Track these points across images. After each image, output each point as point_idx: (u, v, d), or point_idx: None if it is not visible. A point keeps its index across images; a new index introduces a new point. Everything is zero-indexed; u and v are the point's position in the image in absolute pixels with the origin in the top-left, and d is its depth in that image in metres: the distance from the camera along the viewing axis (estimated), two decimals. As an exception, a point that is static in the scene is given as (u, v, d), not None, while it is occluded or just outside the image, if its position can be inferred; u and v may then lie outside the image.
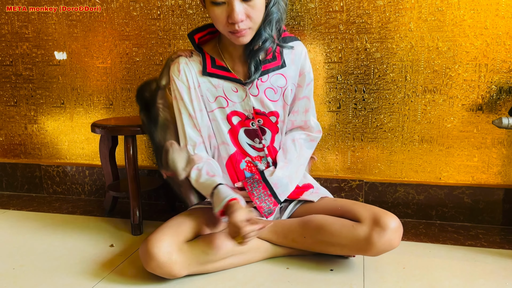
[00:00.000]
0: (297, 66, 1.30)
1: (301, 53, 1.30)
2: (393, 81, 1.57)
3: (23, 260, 1.33)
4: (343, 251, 1.21)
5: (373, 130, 1.62)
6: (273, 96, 1.30)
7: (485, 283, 1.16)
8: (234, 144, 1.32)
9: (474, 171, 1.57)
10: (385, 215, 1.15)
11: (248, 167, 1.34)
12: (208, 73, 1.27)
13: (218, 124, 1.31)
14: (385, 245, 1.14)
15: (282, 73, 1.28)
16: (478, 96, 1.52)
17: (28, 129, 1.99)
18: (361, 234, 1.15)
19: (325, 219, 1.22)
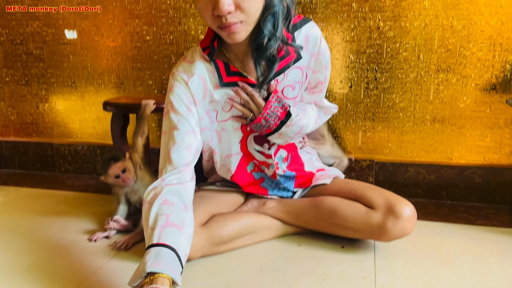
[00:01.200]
0: (311, 53, 1.17)
1: (317, 38, 1.15)
2: (406, 60, 1.56)
3: (38, 236, 1.35)
4: (355, 235, 1.22)
5: (385, 110, 1.62)
6: (291, 93, 1.20)
7: (496, 261, 1.17)
8: (242, 149, 1.26)
9: (486, 152, 1.57)
10: (400, 203, 1.15)
11: (256, 167, 1.29)
12: (225, 83, 1.14)
13: (228, 136, 1.22)
14: (399, 233, 1.14)
15: (298, 66, 1.17)
16: (492, 76, 1.51)
17: (39, 108, 2.01)
18: (374, 221, 1.15)
19: (338, 202, 1.22)
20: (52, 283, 1.07)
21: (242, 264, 1.16)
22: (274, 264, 1.16)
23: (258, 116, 1.16)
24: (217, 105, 1.17)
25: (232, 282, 1.07)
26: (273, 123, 1.17)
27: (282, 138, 1.22)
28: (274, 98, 1.15)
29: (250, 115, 1.17)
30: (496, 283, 1.06)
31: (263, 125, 1.17)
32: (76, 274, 1.12)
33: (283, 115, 1.17)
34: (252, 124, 1.18)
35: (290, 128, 1.19)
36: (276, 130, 1.19)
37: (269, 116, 1.16)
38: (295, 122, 1.18)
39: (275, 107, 1.16)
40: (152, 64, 1.81)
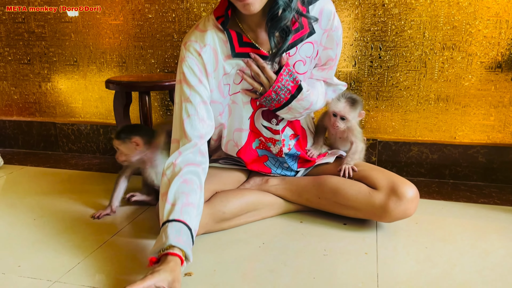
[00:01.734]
0: (324, 29, 1.16)
1: (330, 14, 1.14)
2: (411, 38, 1.54)
3: (43, 212, 1.36)
4: (357, 214, 1.22)
5: (389, 89, 1.60)
6: (302, 68, 1.19)
7: (497, 238, 1.17)
8: (250, 127, 1.25)
9: (490, 130, 1.56)
10: (403, 184, 1.15)
11: (261, 145, 1.29)
12: (237, 53, 1.13)
13: (238, 109, 1.21)
14: (401, 213, 1.15)
15: (310, 41, 1.15)
16: (497, 54, 1.49)
17: (42, 87, 2.00)
18: (377, 201, 1.16)
19: (342, 182, 1.22)
20: (57, 258, 1.09)
21: (244, 240, 1.17)
22: (276, 240, 1.17)
23: (269, 89, 1.15)
24: (229, 78, 1.16)
25: (235, 258, 1.08)
26: (283, 97, 1.16)
27: (291, 113, 1.21)
28: (285, 72, 1.14)
29: (260, 89, 1.16)
30: (497, 259, 1.06)
31: (273, 99, 1.16)
32: (80, 249, 1.13)
33: (294, 89, 1.15)
34: (262, 98, 1.17)
35: (300, 103, 1.18)
36: (286, 104, 1.17)
37: (279, 90, 1.15)
38: (306, 97, 1.18)
39: (286, 80, 1.14)
40: (155, 42, 1.80)
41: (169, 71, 1.81)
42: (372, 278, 0.98)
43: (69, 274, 1.01)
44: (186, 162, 1.06)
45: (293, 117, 1.24)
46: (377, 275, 0.99)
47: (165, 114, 1.88)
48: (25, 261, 1.07)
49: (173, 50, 1.78)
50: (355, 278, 0.98)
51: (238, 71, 1.15)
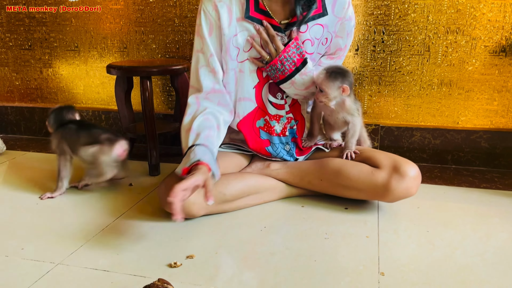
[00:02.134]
0: (337, 16, 1.19)
1: (345, 3, 1.18)
2: (414, 22, 1.52)
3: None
4: (359, 195, 1.22)
5: (391, 74, 1.59)
6: (310, 48, 1.22)
7: (499, 222, 1.17)
8: (256, 100, 1.27)
9: (493, 115, 1.55)
10: (406, 163, 1.15)
11: (265, 126, 1.30)
12: (250, 16, 1.17)
13: (244, 77, 1.24)
14: (403, 192, 1.15)
15: (321, 23, 1.19)
16: (501, 38, 1.47)
17: (43, 73, 2.00)
18: (379, 180, 1.16)
19: (344, 163, 1.22)
20: (60, 241, 1.09)
21: (246, 223, 1.18)
22: (278, 224, 1.18)
23: (275, 58, 1.18)
24: (239, 41, 1.20)
25: (237, 241, 1.09)
26: (288, 69, 1.19)
27: (294, 89, 1.24)
28: (293, 44, 1.18)
29: (267, 58, 1.20)
30: (498, 242, 1.07)
31: (278, 69, 1.19)
32: (83, 232, 1.14)
33: (299, 62, 1.19)
34: (268, 66, 1.20)
35: (303, 77, 1.20)
36: (290, 76, 1.20)
37: (285, 60, 1.18)
38: (309, 72, 1.20)
39: (293, 52, 1.18)
40: (156, 27, 1.78)
41: (170, 56, 1.80)
42: (373, 260, 0.99)
43: (72, 257, 1.01)
44: (204, 107, 1.20)
45: (295, 93, 1.25)
46: (378, 258, 1.00)
47: (166, 99, 1.87)
48: (28, 244, 1.08)
49: (174, 35, 1.77)
50: (356, 261, 0.99)
51: (248, 37, 1.19)
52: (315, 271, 0.95)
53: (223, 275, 0.94)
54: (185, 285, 0.90)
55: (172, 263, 0.97)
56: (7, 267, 0.98)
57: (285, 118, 1.29)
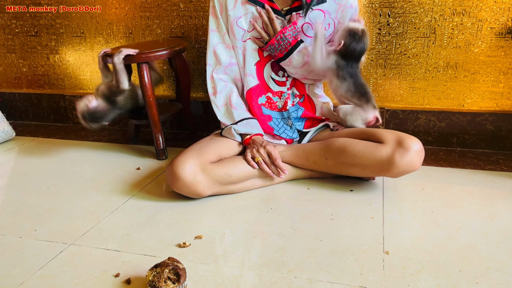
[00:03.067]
0: (339, 3, 1.28)
1: None
2: (420, 4, 1.51)
3: (56, 181, 1.40)
4: (364, 172, 1.24)
5: (397, 57, 1.59)
6: (310, 32, 1.31)
7: (504, 203, 1.19)
8: (258, 77, 1.35)
9: (499, 98, 1.55)
10: (409, 137, 1.17)
11: (267, 103, 1.38)
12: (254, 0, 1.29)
13: (246, 55, 1.34)
14: (407, 165, 1.16)
15: (321, 9, 1.28)
16: (508, 19, 1.46)
17: (50, 59, 2.01)
18: (383, 154, 1.17)
19: (348, 141, 1.24)
20: (71, 222, 1.12)
21: (253, 205, 1.20)
22: (284, 206, 1.20)
23: (273, 38, 1.28)
24: (244, 22, 1.31)
25: (244, 222, 1.11)
26: (284, 48, 1.29)
27: (293, 67, 1.33)
28: (291, 28, 1.28)
29: (266, 38, 1.30)
30: (501, 223, 1.08)
31: (276, 48, 1.29)
32: (94, 214, 1.16)
33: (294, 42, 1.29)
34: (267, 46, 1.30)
35: (299, 55, 1.29)
36: (287, 55, 1.30)
37: (281, 40, 1.28)
38: (304, 49, 1.29)
39: (289, 34, 1.28)
40: (161, 12, 1.79)
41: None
42: (378, 240, 1.01)
43: (83, 238, 1.04)
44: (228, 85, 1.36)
45: (295, 73, 1.35)
46: (383, 238, 1.02)
47: (172, 84, 1.88)
48: (41, 226, 1.11)
49: (179, 20, 1.77)
50: (361, 241, 1.01)
51: (251, 19, 1.30)
52: (321, 250, 0.97)
53: (231, 254, 0.96)
54: (194, 264, 0.92)
55: (181, 243, 1.00)
56: (21, 247, 1.01)
57: (286, 93, 1.38)
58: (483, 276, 0.87)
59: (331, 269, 0.90)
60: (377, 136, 1.22)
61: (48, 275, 0.90)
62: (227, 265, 0.92)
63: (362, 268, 0.91)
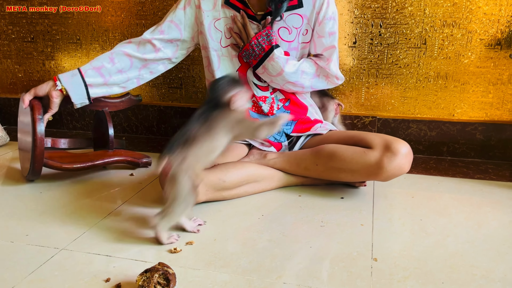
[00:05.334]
0: (314, 9, 1.29)
1: None
2: (411, 15, 1.54)
3: (50, 186, 1.40)
4: (354, 176, 1.25)
5: (388, 66, 1.62)
6: (287, 36, 1.32)
7: (491, 211, 1.20)
8: (243, 80, 1.37)
9: (488, 108, 1.57)
10: (396, 141, 1.19)
11: (254, 107, 1.39)
12: (230, 3, 1.31)
13: (227, 61, 1.36)
14: (395, 169, 1.18)
15: (299, 13, 1.30)
16: (497, 31, 1.49)
17: (46, 65, 2.03)
18: (372, 158, 1.19)
19: (338, 147, 1.26)
20: (64, 227, 1.13)
21: (244, 212, 1.21)
22: (276, 212, 1.21)
23: (247, 43, 1.30)
24: (221, 25, 1.33)
25: (235, 228, 1.12)
26: (258, 54, 1.30)
27: (268, 75, 1.34)
28: (264, 33, 1.29)
29: (241, 44, 1.32)
30: (489, 230, 1.10)
31: (251, 54, 1.31)
32: (86, 219, 1.17)
33: (267, 48, 1.29)
34: (242, 51, 1.33)
35: (272, 64, 1.30)
36: (260, 61, 1.31)
37: (255, 46, 1.30)
38: (277, 58, 1.29)
39: (263, 39, 1.29)
40: (156, 20, 1.81)
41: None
42: (367, 247, 1.02)
43: (75, 242, 1.05)
44: (121, 47, 1.36)
45: (270, 80, 1.35)
46: (372, 245, 1.03)
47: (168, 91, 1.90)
48: (33, 230, 1.11)
49: None
50: (350, 247, 1.02)
51: (228, 27, 1.33)
52: (311, 257, 0.98)
53: (221, 260, 0.97)
54: (184, 269, 0.93)
55: (172, 249, 1.01)
56: (12, 252, 1.01)
57: (270, 98, 1.38)
58: (469, 283, 0.89)
59: (320, 275, 0.91)
60: (365, 141, 1.24)
61: (39, 279, 0.91)
62: (217, 271, 0.93)
63: (350, 274, 0.92)
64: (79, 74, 1.31)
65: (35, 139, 1.28)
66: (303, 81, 1.34)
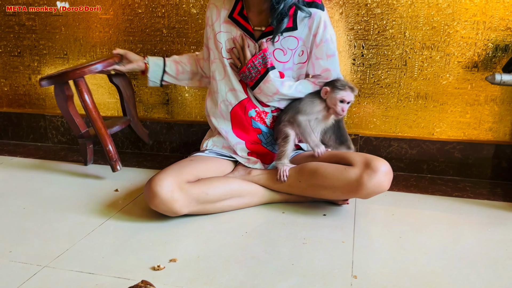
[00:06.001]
0: (311, 32, 1.32)
1: (315, 20, 1.30)
2: (392, 37, 1.60)
3: (33, 201, 1.40)
4: (335, 193, 1.28)
5: (370, 86, 1.66)
6: (282, 57, 1.35)
7: (468, 229, 1.24)
8: (245, 92, 1.40)
9: (466, 127, 1.63)
10: (376, 159, 1.23)
11: (258, 116, 1.41)
12: (233, 17, 1.36)
13: (230, 72, 1.40)
14: (375, 186, 1.21)
15: (294, 35, 1.33)
16: (474, 54, 1.55)
17: (32, 79, 2.03)
18: (352, 176, 1.22)
19: (320, 164, 1.30)
20: (47, 244, 1.13)
21: (228, 229, 1.23)
22: (259, 229, 1.23)
23: (244, 65, 1.35)
24: (223, 38, 1.39)
25: (219, 245, 1.13)
26: (255, 76, 1.35)
27: (264, 95, 1.38)
28: (260, 55, 1.34)
29: (239, 65, 1.37)
30: (465, 248, 1.13)
31: (247, 76, 1.36)
32: (70, 235, 1.17)
33: (263, 71, 1.34)
34: (240, 72, 1.37)
35: (267, 85, 1.34)
36: (257, 83, 1.35)
37: (251, 68, 1.34)
38: (271, 81, 1.33)
39: (259, 62, 1.34)
40: (144, 37, 1.83)
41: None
42: (347, 265, 1.04)
43: (58, 260, 1.05)
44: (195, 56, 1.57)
45: (267, 99, 1.39)
46: (352, 262, 1.05)
47: (113, 97, 1.91)
48: (16, 247, 1.11)
49: (162, 45, 1.82)
50: (332, 265, 1.04)
51: (227, 46, 1.39)
52: (292, 274, 1.00)
53: (204, 277, 0.98)
54: (167, 287, 0.94)
55: (155, 266, 1.02)
56: (-5, 269, 1.01)
57: (270, 114, 1.41)
58: (444, 300, 0.91)
59: (301, 292, 0.93)
60: (346, 159, 1.28)
61: (21, 297, 0.91)
62: (200, 288, 0.94)
63: (330, 291, 0.94)
64: (162, 61, 1.52)
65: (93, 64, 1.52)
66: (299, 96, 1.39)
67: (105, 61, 1.52)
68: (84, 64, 1.54)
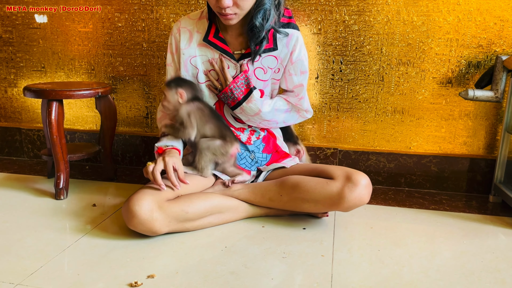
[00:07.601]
0: (288, 50, 1.35)
1: (292, 40, 1.34)
2: (370, 53, 1.63)
3: (6, 217, 1.36)
4: (317, 207, 1.29)
5: (349, 101, 1.69)
6: (263, 75, 1.38)
7: (444, 241, 1.26)
8: (220, 113, 1.41)
9: (442, 141, 1.66)
10: (357, 173, 1.25)
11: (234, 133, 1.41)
12: (208, 40, 1.34)
13: (206, 95, 1.40)
14: (356, 199, 1.23)
15: (274, 55, 1.35)
16: (448, 70, 1.60)
17: (8, 92, 1.99)
18: (334, 189, 1.23)
19: (301, 178, 1.31)
20: (20, 261, 1.10)
21: (207, 244, 1.22)
22: (239, 244, 1.22)
23: (226, 87, 1.34)
24: (197, 62, 1.37)
25: (198, 261, 1.12)
26: (237, 96, 1.35)
27: (245, 115, 1.39)
28: (242, 76, 1.34)
29: (218, 87, 1.38)
30: (442, 260, 1.15)
31: (229, 96, 1.35)
32: (43, 253, 1.14)
33: (246, 91, 1.35)
34: (221, 93, 1.37)
35: (250, 105, 1.35)
36: (239, 103, 1.35)
37: (234, 89, 1.34)
38: (255, 101, 1.34)
39: (241, 83, 1.35)
40: (124, 51, 1.83)
41: (138, 78, 1.84)
42: (326, 278, 1.05)
43: (31, 277, 1.02)
44: None
45: (247, 119, 1.40)
46: (331, 276, 1.06)
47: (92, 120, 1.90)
48: (-13, 265, 1.07)
49: (142, 59, 1.82)
50: (311, 279, 1.04)
51: (205, 71, 1.38)
52: (272, 289, 1.00)
53: (182, 293, 0.97)
54: (145, 304, 0.92)
55: (133, 283, 1.00)
56: (-36, 288, 0.98)
57: (248, 130, 1.43)
58: (422, 312, 0.92)
59: (280, 307, 0.93)
60: (327, 172, 1.29)
61: (-8, 317, 0.88)
62: (178, 304, 0.93)
63: (310, 306, 0.94)
64: (178, 152, 1.34)
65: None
66: (277, 118, 1.41)
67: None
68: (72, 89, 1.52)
